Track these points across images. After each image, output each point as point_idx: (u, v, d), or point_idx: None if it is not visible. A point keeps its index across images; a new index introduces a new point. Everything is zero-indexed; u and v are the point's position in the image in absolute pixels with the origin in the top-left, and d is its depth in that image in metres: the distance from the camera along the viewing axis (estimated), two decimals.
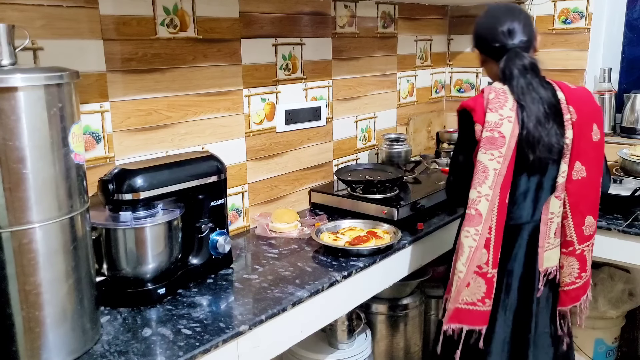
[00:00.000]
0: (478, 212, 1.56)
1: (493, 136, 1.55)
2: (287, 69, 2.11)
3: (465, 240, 1.57)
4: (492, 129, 1.55)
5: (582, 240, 1.66)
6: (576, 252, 1.67)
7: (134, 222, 1.42)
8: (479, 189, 1.56)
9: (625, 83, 2.80)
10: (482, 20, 1.70)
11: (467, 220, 1.57)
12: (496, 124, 1.55)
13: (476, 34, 1.70)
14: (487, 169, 1.55)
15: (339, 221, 1.99)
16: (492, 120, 1.55)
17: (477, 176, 1.56)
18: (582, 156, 1.63)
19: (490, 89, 1.61)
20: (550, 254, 1.68)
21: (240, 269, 1.69)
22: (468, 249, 1.56)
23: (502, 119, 1.55)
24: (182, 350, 1.23)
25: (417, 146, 2.83)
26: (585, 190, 1.65)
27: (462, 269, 1.57)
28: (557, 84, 1.66)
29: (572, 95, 1.63)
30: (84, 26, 1.50)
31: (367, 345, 2.21)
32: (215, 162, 1.63)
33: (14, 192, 1.07)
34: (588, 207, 1.66)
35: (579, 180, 1.63)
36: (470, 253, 1.56)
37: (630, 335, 2.70)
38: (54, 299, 1.15)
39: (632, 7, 2.73)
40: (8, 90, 1.03)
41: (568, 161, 1.62)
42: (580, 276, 1.68)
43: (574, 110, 1.61)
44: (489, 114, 1.56)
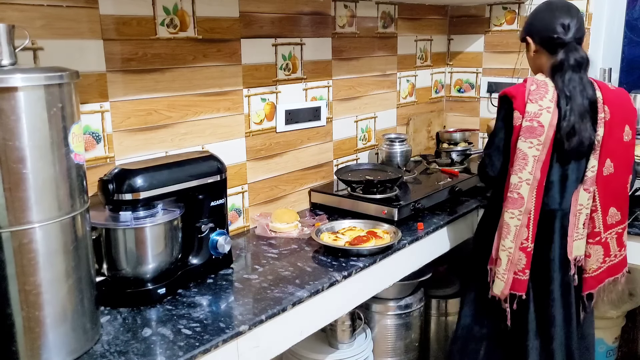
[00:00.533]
0: (520, 195, 1.73)
1: (532, 125, 1.68)
2: (287, 69, 2.11)
3: (511, 220, 1.75)
4: (532, 118, 1.69)
5: (606, 229, 1.82)
6: (601, 241, 1.82)
7: (134, 222, 1.42)
8: (519, 175, 1.72)
9: (625, 83, 2.80)
10: (541, 12, 1.79)
11: (510, 202, 1.75)
12: (535, 114, 1.68)
13: (532, 25, 1.80)
14: (526, 156, 1.70)
15: (339, 221, 1.99)
16: (531, 111, 1.69)
17: (517, 162, 1.72)
18: (612, 154, 1.76)
19: (532, 80, 1.74)
20: (579, 243, 1.81)
21: (240, 269, 1.69)
22: (514, 228, 1.75)
23: (542, 109, 1.68)
24: (182, 350, 1.23)
25: (417, 146, 2.83)
26: (612, 185, 1.79)
27: (510, 245, 1.76)
28: (597, 83, 1.78)
29: (609, 96, 1.76)
30: (84, 26, 1.50)
31: (367, 345, 2.21)
32: (215, 162, 1.63)
33: (14, 192, 1.07)
34: (613, 200, 1.81)
35: (608, 176, 1.78)
36: (517, 231, 1.75)
37: (630, 335, 2.70)
38: (54, 299, 1.15)
39: (632, 7, 2.73)
40: (8, 90, 1.03)
41: (598, 157, 1.76)
42: (604, 261, 1.84)
43: (608, 110, 1.74)
44: (529, 105, 1.69)
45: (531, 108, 1.68)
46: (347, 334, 2.15)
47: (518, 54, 2.77)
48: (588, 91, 1.71)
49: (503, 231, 1.77)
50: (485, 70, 2.93)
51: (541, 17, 1.78)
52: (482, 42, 2.91)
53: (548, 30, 1.74)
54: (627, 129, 1.78)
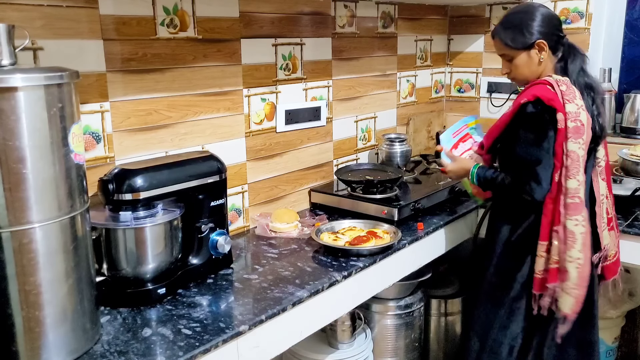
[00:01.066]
0: (581, 199, 1.62)
1: (577, 125, 1.61)
2: (287, 69, 2.11)
3: (576, 228, 1.62)
4: (575, 118, 1.62)
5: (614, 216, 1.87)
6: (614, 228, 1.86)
7: (134, 222, 1.42)
8: (578, 178, 1.62)
9: (625, 83, 2.80)
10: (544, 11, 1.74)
11: (572, 209, 1.62)
12: (576, 114, 1.62)
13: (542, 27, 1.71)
14: (578, 157, 1.62)
15: (339, 221, 1.98)
16: (572, 111, 1.62)
17: (572, 166, 1.62)
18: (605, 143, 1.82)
19: (558, 81, 1.67)
20: (606, 232, 1.81)
21: (240, 269, 1.69)
22: (581, 236, 1.62)
23: (579, 108, 1.63)
24: (182, 350, 1.23)
25: (417, 146, 2.83)
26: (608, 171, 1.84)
27: (579, 256, 1.62)
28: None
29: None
30: (84, 26, 1.50)
31: (367, 345, 2.21)
32: (215, 162, 1.63)
33: (14, 192, 1.07)
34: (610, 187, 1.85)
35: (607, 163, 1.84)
36: (584, 239, 1.63)
37: (630, 335, 2.70)
38: (54, 299, 1.15)
39: (632, 7, 2.73)
40: (8, 90, 1.03)
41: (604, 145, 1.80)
42: (618, 247, 1.89)
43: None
44: (568, 105, 1.62)
45: (571, 108, 1.62)
46: (347, 334, 2.15)
47: None
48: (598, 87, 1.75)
49: (568, 241, 1.62)
50: (485, 70, 2.93)
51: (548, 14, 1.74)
52: (482, 42, 2.91)
53: (558, 28, 1.73)
54: None
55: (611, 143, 2.57)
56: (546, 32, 1.71)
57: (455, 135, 2.03)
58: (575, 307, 1.65)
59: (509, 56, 1.76)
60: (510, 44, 1.74)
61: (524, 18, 1.73)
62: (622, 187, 2.23)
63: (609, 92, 2.65)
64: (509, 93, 2.82)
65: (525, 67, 1.75)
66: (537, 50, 1.72)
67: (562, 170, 1.63)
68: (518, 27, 1.73)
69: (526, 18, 1.72)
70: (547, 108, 1.63)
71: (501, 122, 1.75)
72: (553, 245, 1.66)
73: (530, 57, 1.73)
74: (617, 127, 2.70)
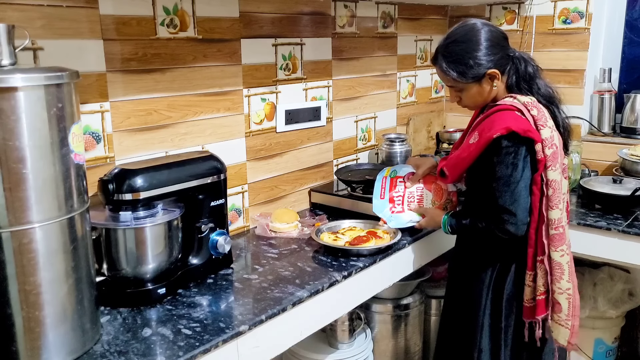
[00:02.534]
0: (564, 228, 1.59)
1: (554, 151, 1.55)
2: (287, 69, 2.11)
3: (562, 259, 1.58)
4: (551, 144, 1.55)
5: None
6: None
7: (134, 222, 1.42)
8: (560, 207, 1.56)
9: (625, 83, 2.80)
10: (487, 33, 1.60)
11: (557, 240, 1.57)
12: (551, 138, 1.56)
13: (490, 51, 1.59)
14: (560, 185, 1.56)
15: (339, 221, 1.98)
16: (547, 137, 1.55)
17: (554, 196, 1.55)
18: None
19: (526, 105, 1.57)
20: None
21: (240, 269, 1.69)
22: (567, 265, 1.60)
23: (552, 131, 1.57)
24: (182, 350, 1.23)
25: (417, 146, 2.83)
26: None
27: (568, 286, 1.60)
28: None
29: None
30: (84, 26, 1.50)
31: (367, 345, 2.21)
32: (215, 162, 1.63)
33: (14, 192, 1.07)
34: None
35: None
36: (570, 268, 1.62)
37: (630, 335, 2.70)
38: (54, 299, 1.15)
39: (632, 7, 2.73)
40: (8, 90, 1.03)
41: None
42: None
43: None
44: (542, 131, 1.55)
45: (546, 134, 1.54)
46: (347, 334, 2.15)
47: None
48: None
49: (555, 273, 1.58)
50: None
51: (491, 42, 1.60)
52: None
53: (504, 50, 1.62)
54: None
55: (611, 143, 2.58)
56: (496, 60, 1.60)
57: (382, 195, 1.92)
58: (571, 338, 1.62)
59: (458, 87, 1.65)
60: (457, 79, 1.62)
61: (467, 49, 1.59)
62: (622, 187, 2.23)
63: (608, 92, 2.66)
64: None
65: (478, 96, 1.65)
66: (488, 79, 1.61)
67: (544, 200, 1.56)
68: (463, 61, 1.59)
69: (470, 49, 1.59)
70: (524, 140, 1.54)
71: (469, 154, 1.62)
72: (538, 275, 1.61)
73: (482, 87, 1.63)
74: (617, 127, 2.70)
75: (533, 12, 2.69)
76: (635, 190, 2.13)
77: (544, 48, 2.69)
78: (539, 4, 2.67)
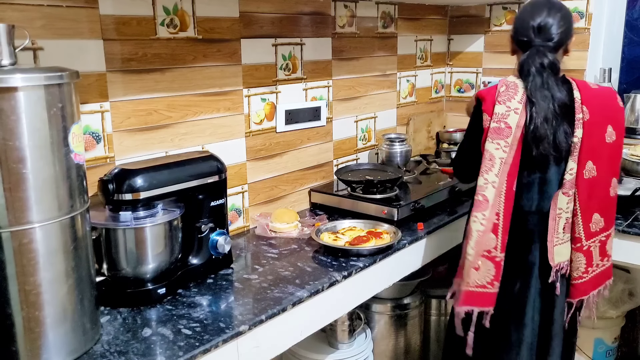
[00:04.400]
0: (485, 198, 1.64)
1: (499, 127, 1.62)
2: (287, 69, 2.11)
3: (474, 224, 1.64)
4: (499, 119, 1.63)
5: (589, 236, 1.70)
6: (583, 248, 1.70)
7: (134, 222, 1.42)
8: (485, 177, 1.64)
9: (625, 83, 2.80)
10: (521, 10, 1.73)
11: (475, 206, 1.65)
12: (503, 115, 1.63)
13: (514, 24, 1.73)
14: (493, 157, 1.63)
15: (339, 221, 1.98)
16: (499, 112, 1.63)
17: (484, 164, 1.64)
18: (593, 156, 1.66)
19: (503, 82, 1.68)
20: (561, 249, 1.72)
21: (240, 269, 1.69)
22: (476, 233, 1.63)
23: (509, 110, 1.62)
24: (182, 350, 1.23)
25: (417, 146, 2.83)
26: (595, 189, 1.69)
27: (470, 252, 1.64)
28: (577, 83, 1.69)
29: (589, 95, 1.67)
30: (84, 26, 1.50)
31: (367, 345, 2.21)
32: (215, 162, 1.63)
33: (14, 192, 1.07)
34: (596, 206, 1.70)
35: (590, 179, 1.67)
36: (478, 237, 1.64)
37: (630, 335, 2.70)
38: (54, 299, 1.15)
39: (632, 7, 2.73)
40: (8, 90, 1.03)
41: (577, 159, 1.66)
42: (587, 271, 1.72)
43: (587, 110, 1.65)
44: (497, 106, 1.64)
45: (499, 109, 1.63)
46: (347, 334, 2.15)
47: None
48: (556, 94, 1.61)
49: (467, 237, 1.66)
50: (485, 70, 2.93)
51: (519, 15, 1.71)
52: (482, 42, 2.91)
53: (520, 31, 1.68)
54: (610, 130, 1.68)
55: None
56: (513, 31, 1.72)
57: None
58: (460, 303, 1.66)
59: None
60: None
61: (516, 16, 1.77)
62: (622, 187, 2.23)
63: None
64: None
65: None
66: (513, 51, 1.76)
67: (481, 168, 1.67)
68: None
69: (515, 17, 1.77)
70: (478, 106, 1.71)
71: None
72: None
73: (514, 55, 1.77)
74: None
75: None
76: (635, 190, 2.13)
77: None
78: None
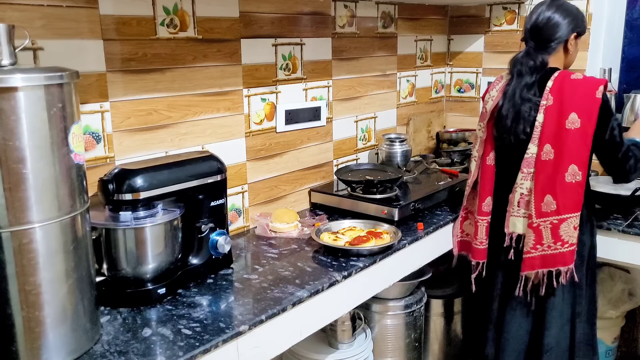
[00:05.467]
0: (470, 170, 2.05)
1: (483, 112, 1.98)
2: (287, 69, 2.11)
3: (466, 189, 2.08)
4: (484, 105, 1.97)
5: (539, 215, 1.83)
6: (533, 225, 1.83)
7: (134, 222, 1.42)
8: (472, 152, 2.05)
9: (625, 83, 2.79)
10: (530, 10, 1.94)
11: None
12: (486, 102, 1.96)
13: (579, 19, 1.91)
14: (477, 136, 2.02)
15: (339, 221, 1.98)
16: (485, 99, 1.97)
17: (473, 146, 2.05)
18: (552, 140, 1.79)
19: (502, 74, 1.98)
20: (515, 220, 1.90)
21: (240, 269, 1.69)
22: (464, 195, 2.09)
23: (490, 97, 1.94)
24: (182, 350, 1.23)
25: (417, 146, 2.83)
26: (549, 171, 1.80)
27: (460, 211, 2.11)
28: (560, 73, 1.83)
29: (561, 84, 1.80)
30: (84, 26, 1.50)
31: (367, 345, 2.21)
32: (215, 162, 1.63)
33: (14, 192, 1.07)
34: (549, 187, 1.81)
35: (546, 161, 1.81)
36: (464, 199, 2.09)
37: (630, 335, 2.70)
38: (54, 299, 1.15)
39: (632, 7, 2.73)
40: (8, 90, 1.03)
41: (537, 142, 1.82)
42: (535, 247, 1.84)
43: (551, 97, 1.80)
44: (486, 95, 1.98)
45: (486, 97, 1.96)
46: (347, 334, 2.15)
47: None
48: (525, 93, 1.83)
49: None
50: (485, 70, 2.93)
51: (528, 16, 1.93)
52: (482, 42, 2.91)
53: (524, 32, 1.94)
54: (574, 116, 1.76)
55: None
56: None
57: None
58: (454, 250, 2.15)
59: None
60: None
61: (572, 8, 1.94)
62: (622, 187, 2.23)
63: (608, 92, 2.65)
64: None
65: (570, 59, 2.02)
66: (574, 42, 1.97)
67: None
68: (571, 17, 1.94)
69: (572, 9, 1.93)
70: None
71: None
72: None
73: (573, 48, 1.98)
74: None
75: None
76: (635, 190, 2.13)
77: None
78: None
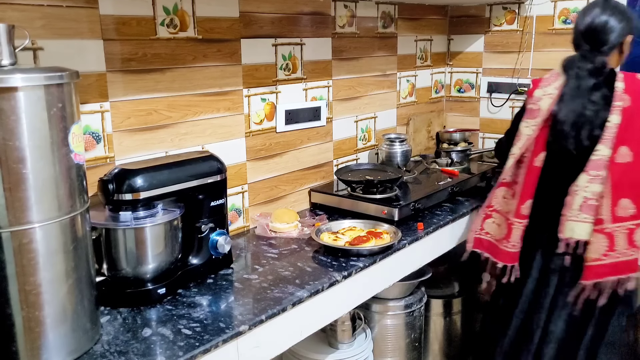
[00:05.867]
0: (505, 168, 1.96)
1: (533, 108, 1.86)
2: (287, 69, 2.11)
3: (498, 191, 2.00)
4: (534, 102, 1.85)
5: (614, 220, 1.74)
6: (605, 231, 1.74)
7: (134, 222, 1.42)
8: (512, 150, 1.91)
9: None
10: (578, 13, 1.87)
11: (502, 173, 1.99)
12: (538, 99, 1.85)
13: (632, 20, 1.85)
14: (521, 134, 1.89)
15: (339, 221, 1.98)
16: (536, 96, 1.86)
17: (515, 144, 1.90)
18: (630, 142, 1.72)
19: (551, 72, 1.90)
20: (573, 225, 1.78)
21: (240, 269, 1.69)
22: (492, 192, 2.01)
23: (545, 95, 1.84)
24: (182, 350, 1.23)
25: (417, 146, 2.83)
26: (627, 174, 1.73)
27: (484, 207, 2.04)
28: (625, 75, 1.78)
29: (634, 85, 1.75)
30: (84, 26, 1.50)
31: (367, 345, 2.21)
32: (215, 162, 1.63)
33: (14, 192, 1.07)
34: (627, 191, 1.74)
35: (623, 164, 1.72)
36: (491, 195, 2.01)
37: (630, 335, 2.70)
38: (54, 299, 1.15)
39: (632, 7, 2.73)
40: (8, 90, 1.03)
41: (611, 144, 1.74)
42: (607, 254, 1.75)
43: (628, 98, 1.73)
44: (536, 91, 1.87)
45: (537, 93, 1.85)
46: (347, 334, 2.15)
47: (518, 54, 2.77)
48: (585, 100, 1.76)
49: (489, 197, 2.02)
50: (485, 70, 2.93)
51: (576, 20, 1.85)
52: (482, 42, 2.91)
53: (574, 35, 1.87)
54: None
55: None
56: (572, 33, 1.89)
57: None
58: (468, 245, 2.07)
59: None
60: None
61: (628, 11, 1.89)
62: None
63: None
64: (509, 93, 2.82)
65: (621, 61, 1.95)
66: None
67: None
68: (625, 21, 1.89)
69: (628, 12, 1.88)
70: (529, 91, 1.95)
71: None
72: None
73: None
74: None
75: (533, 12, 2.69)
76: None
77: (544, 48, 2.69)
78: (539, 4, 2.67)
